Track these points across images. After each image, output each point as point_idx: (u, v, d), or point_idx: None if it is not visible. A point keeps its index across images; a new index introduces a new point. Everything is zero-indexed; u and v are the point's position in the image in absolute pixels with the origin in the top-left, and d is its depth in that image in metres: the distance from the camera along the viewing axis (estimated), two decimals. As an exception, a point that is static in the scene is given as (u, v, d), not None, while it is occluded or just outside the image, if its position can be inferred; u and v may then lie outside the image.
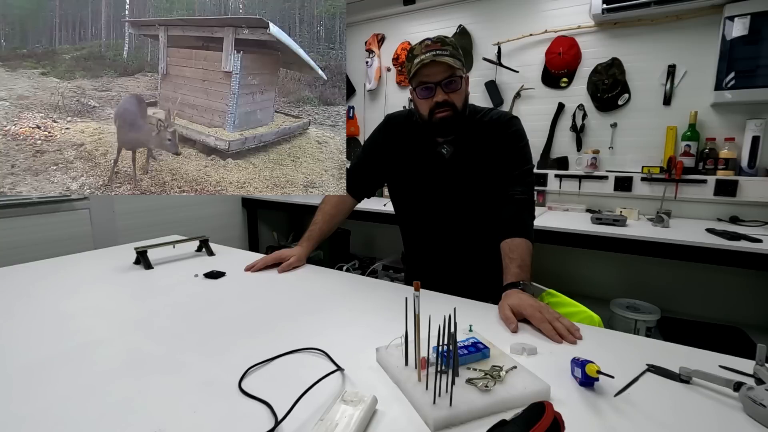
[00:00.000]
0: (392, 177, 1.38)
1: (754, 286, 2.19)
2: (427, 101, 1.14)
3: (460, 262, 1.33)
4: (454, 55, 1.10)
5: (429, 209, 1.31)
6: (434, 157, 1.24)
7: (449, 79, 1.11)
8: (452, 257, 1.34)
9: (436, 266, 1.37)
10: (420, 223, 1.36)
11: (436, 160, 1.24)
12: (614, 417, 0.62)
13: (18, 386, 0.70)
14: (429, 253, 1.39)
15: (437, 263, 1.37)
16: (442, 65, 1.09)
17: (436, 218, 1.31)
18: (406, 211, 1.41)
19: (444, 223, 1.30)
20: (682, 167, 2.23)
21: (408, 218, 1.41)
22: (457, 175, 1.24)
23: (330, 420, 0.58)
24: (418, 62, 1.09)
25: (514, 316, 0.92)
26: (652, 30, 2.34)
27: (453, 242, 1.32)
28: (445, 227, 1.31)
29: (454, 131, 1.20)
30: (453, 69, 1.10)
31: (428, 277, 1.26)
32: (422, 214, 1.34)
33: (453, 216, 1.29)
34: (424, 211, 1.33)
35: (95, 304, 1.10)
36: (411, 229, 1.42)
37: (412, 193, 1.33)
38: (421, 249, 1.42)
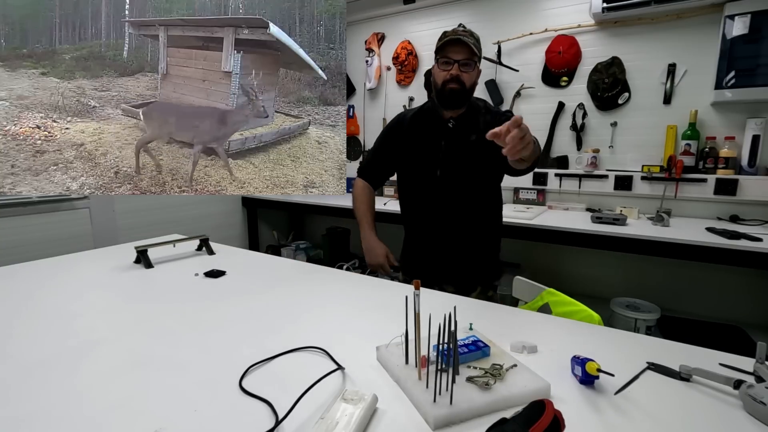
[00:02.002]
0: (403, 159, 1.50)
1: (754, 285, 2.19)
2: (444, 73, 1.33)
3: (458, 235, 1.45)
4: (475, 45, 1.31)
5: (434, 178, 1.42)
6: (441, 128, 1.42)
7: (466, 61, 1.31)
8: (452, 230, 1.44)
9: (436, 243, 1.47)
10: (424, 195, 1.47)
11: (443, 130, 1.42)
12: (614, 415, 0.62)
13: (18, 385, 0.71)
14: (430, 226, 1.48)
15: (438, 239, 1.47)
16: (464, 46, 1.30)
17: (440, 187, 1.42)
18: (412, 186, 1.51)
19: (446, 191, 1.42)
20: (682, 166, 2.23)
21: (413, 193, 1.52)
22: (460, 142, 1.40)
23: (330, 418, 0.58)
24: (447, 38, 1.30)
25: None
26: (653, 29, 2.34)
27: (454, 212, 1.43)
28: (447, 196, 1.42)
29: (460, 104, 1.38)
30: (471, 53, 1.31)
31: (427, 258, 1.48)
32: (427, 184, 1.44)
33: (455, 185, 1.41)
34: (429, 181, 1.44)
35: (95, 303, 1.11)
36: (415, 204, 1.52)
37: (420, 163, 1.45)
38: (423, 223, 1.50)
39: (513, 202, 2.79)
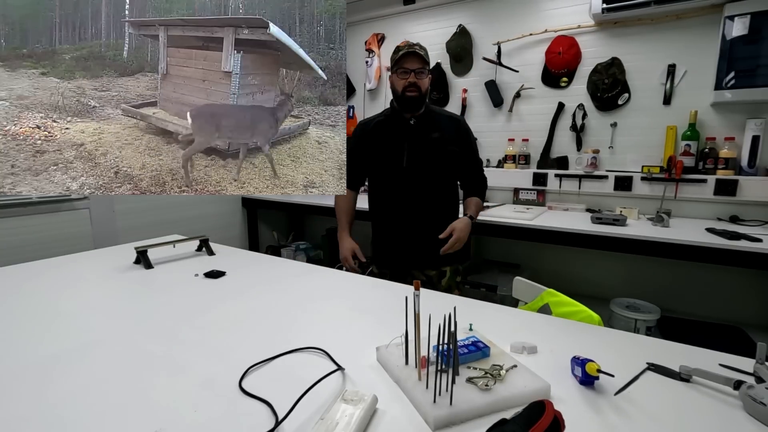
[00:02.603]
0: (373, 157, 1.69)
1: (754, 286, 2.19)
2: (402, 81, 1.56)
3: (424, 219, 1.65)
4: (426, 56, 1.57)
5: (401, 169, 1.62)
6: (403, 126, 1.64)
7: (420, 69, 1.55)
8: (418, 215, 1.65)
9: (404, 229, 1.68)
10: (392, 186, 1.67)
11: (405, 128, 1.64)
12: (614, 415, 0.62)
13: (19, 386, 0.71)
14: (398, 215, 1.67)
15: (406, 225, 1.67)
16: (418, 57, 1.54)
17: (406, 176, 1.63)
18: (381, 179, 1.71)
19: (412, 181, 1.63)
20: (682, 167, 2.23)
21: (382, 186, 1.72)
22: (420, 137, 1.63)
23: (330, 419, 0.58)
24: (402, 52, 1.53)
25: (448, 230, 1.54)
26: (652, 29, 2.34)
27: (419, 199, 1.64)
28: (413, 185, 1.64)
29: (418, 108, 1.62)
30: (424, 63, 1.56)
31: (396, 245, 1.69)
32: (395, 176, 1.64)
33: (419, 174, 1.62)
34: (396, 173, 1.64)
35: (95, 303, 1.11)
36: (384, 196, 1.72)
37: (389, 158, 1.65)
38: (392, 212, 1.69)
39: (513, 202, 2.79)
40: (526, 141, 2.75)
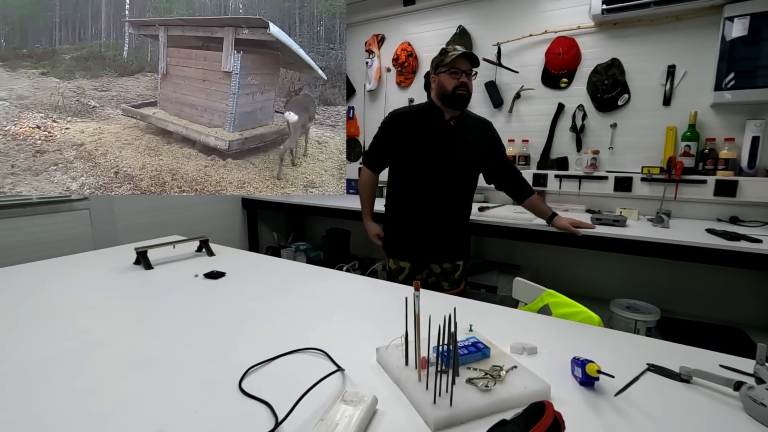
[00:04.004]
0: (405, 149, 1.73)
1: (754, 287, 2.19)
2: (454, 80, 1.61)
3: (448, 216, 1.76)
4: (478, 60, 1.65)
5: (434, 166, 1.69)
6: (443, 126, 1.70)
7: (470, 71, 1.63)
8: (444, 212, 1.75)
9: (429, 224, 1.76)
10: (422, 181, 1.73)
11: (445, 128, 1.70)
12: (614, 416, 0.62)
13: (18, 386, 0.70)
14: (425, 209, 1.74)
15: (431, 220, 1.75)
16: (470, 60, 1.63)
17: (438, 174, 1.70)
18: (410, 173, 1.75)
19: (443, 179, 1.71)
20: (681, 167, 2.23)
21: (411, 179, 1.76)
22: (457, 138, 1.71)
23: (330, 420, 0.58)
24: (456, 53, 1.59)
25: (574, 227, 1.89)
26: (652, 30, 2.34)
27: (446, 196, 1.74)
28: (442, 182, 1.72)
29: (464, 107, 1.69)
30: (473, 66, 1.64)
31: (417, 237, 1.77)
32: (426, 172, 1.71)
33: (450, 173, 1.71)
34: (428, 169, 1.70)
35: (95, 304, 1.10)
36: (411, 189, 1.77)
37: (423, 153, 1.70)
38: (418, 206, 1.76)
39: (513, 203, 2.79)
40: (526, 142, 2.75)
